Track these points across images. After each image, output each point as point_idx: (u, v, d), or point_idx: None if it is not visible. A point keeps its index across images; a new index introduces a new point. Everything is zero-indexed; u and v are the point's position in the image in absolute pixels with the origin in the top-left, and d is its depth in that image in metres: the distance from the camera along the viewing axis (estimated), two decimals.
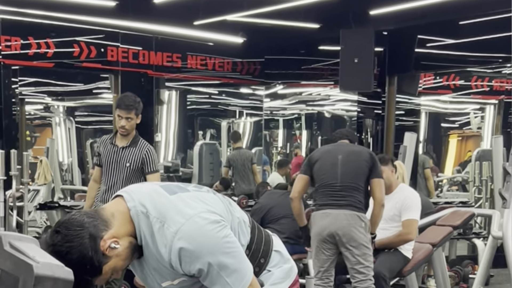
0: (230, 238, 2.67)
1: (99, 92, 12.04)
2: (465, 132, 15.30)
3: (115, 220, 2.67)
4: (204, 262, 2.61)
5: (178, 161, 12.08)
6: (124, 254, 2.66)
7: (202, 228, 2.61)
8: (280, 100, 13.64)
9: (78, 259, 2.60)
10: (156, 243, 2.65)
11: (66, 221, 2.64)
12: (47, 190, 11.20)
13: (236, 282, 2.66)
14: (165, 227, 2.62)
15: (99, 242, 2.60)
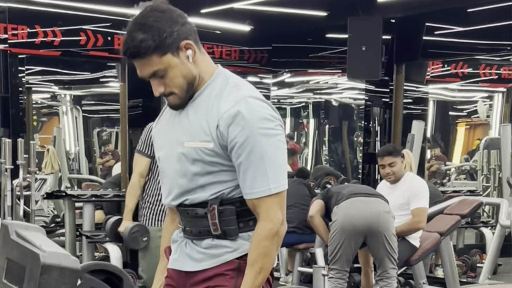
0: (283, 143, 2.67)
1: (106, 81, 12.03)
2: (473, 120, 15.27)
3: (204, 57, 2.75)
4: (254, 135, 2.60)
5: None
6: (186, 72, 2.67)
7: (268, 111, 2.64)
8: (288, 89, 13.62)
9: (162, 22, 2.62)
10: (220, 98, 2.66)
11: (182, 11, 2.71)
12: (54, 179, 11.21)
13: (274, 178, 2.65)
14: (239, 91, 2.65)
15: (184, 38, 2.65)
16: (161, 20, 2.61)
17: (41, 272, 2.76)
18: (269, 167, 2.62)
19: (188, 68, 2.67)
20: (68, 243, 8.87)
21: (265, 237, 2.65)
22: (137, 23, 2.63)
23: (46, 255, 2.79)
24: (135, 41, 2.60)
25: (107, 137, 13.64)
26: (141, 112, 9.52)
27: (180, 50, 2.65)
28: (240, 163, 2.64)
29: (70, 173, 12.22)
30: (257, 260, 2.65)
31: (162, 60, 2.63)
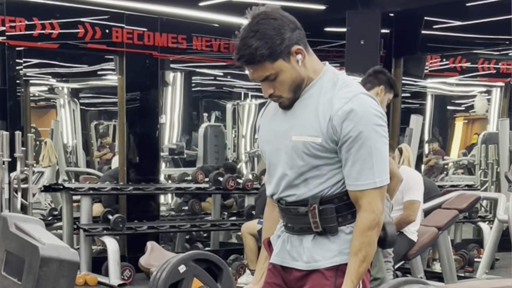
0: (388, 139, 2.81)
1: (104, 74, 12.01)
2: (471, 115, 15.25)
3: (312, 58, 2.85)
4: (367, 131, 2.73)
5: (183, 143, 12.07)
6: (295, 75, 2.78)
7: (378, 109, 2.77)
8: None
9: (276, 29, 2.73)
10: (332, 94, 2.78)
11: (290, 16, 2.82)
12: (51, 172, 11.21)
13: (379, 172, 2.77)
14: (349, 88, 2.77)
15: (294, 43, 2.76)
16: (274, 27, 2.73)
17: (40, 264, 2.76)
18: (376, 162, 2.76)
19: (298, 72, 2.79)
20: (66, 236, 8.85)
21: (368, 227, 2.79)
22: (251, 30, 2.74)
23: (45, 247, 2.79)
24: (250, 48, 2.72)
25: (104, 130, 13.63)
26: (139, 105, 9.51)
27: (291, 55, 2.76)
28: (349, 156, 2.77)
29: (67, 166, 12.19)
30: (361, 249, 2.79)
31: (274, 65, 2.75)
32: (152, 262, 6.48)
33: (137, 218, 9.19)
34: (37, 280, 2.74)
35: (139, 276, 8.48)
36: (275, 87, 2.81)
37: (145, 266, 6.48)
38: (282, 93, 2.82)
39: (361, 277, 2.81)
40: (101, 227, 8.64)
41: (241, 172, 11.60)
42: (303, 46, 2.78)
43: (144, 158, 9.53)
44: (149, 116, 9.58)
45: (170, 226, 9.17)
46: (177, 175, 10.46)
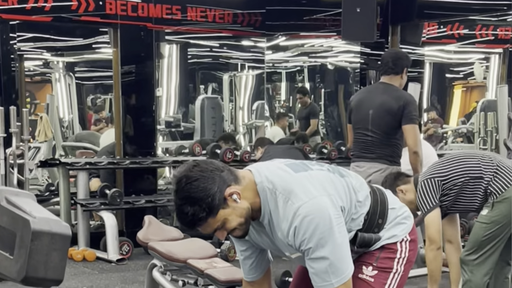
0: (342, 232, 2.91)
1: (99, 47, 11.92)
2: (469, 82, 15.18)
3: (244, 182, 2.92)
4: (313, 243, 2.85)
5: (179, 115, 12.00)
6: (240, 212, 2.89)
7: (321, 212, 2.86)
8: (282, 52, 13.50)
9: (203, 189, 2.81)
10: (279, 218, 2.92)
11: (207, 160, 2.95)
12: (48, 147, 11.13)
13: (336, 272, 2.90)
14: (289, 204, 2.88)
15: (225, 188, 2.85)
16: (200, 188, 2.81)
17: (31, 238, 2.72)
18: (330, 265, 2.89)
19: (240, 208, 2.89)
20: (63, 212, 8.82)
21: None
22: (181, 198, 2.83)
23: (36, 221, 2.75)
24: (188, 216, 2.83)
25: (101, 104, 13.55)
26: (134, 78, 9.44)
27: (227, 201, 2.86)
28: (307, 264, 2.95)
29: (64, 141, 12.13)
30: None
31: (217, 218, 2.86)
32: (150, 236, 6.41)
33: (134, 193, 9.14)
34: (29, 254, 2.69)
35: (137, 250, 8.46)
36: (227, 229, 2.92)
37: (143, 240, 6.41)
38: (237, 229, 2.94)
39: None
40: (98, 202, 8.60)
41: (239, 144, 11.53)
42: (233, 182, 2.89)
43: (141, 132, 9.47)
44: (145, 89, 9.50)
45: (168, 199, 9.12)
46: (174, 148, 10.39)
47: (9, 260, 2.80)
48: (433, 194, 5.16)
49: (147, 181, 9.48)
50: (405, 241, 3.18)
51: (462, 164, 5.22)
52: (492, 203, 5.12)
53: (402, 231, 3.16)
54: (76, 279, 7.50)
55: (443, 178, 5.18)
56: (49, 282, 2.81)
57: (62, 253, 2.78)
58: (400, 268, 3.14)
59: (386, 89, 6.32)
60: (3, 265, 2.82)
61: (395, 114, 6.18)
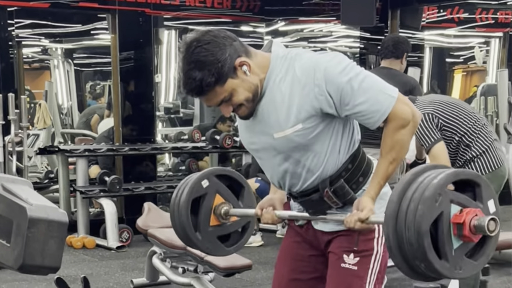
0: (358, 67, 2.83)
1: (97, 33, 11.87)
2: (470, 66, 15.13)
3: (255, 58, 2.83)
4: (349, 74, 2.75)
5: (178, 102, 11.97)
6: (248, 86, 2.80)
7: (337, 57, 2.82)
8: (282, 38, 13.44)
9: (214, 53, 2.72)
10: (296, 75, 2.80)
11: (219, 29, 2.84)
12: (47, 135, 11.12)
13: (386, 89, 2.82)
14: (308, 56, 2.82)
15: (236, 57, 2.75)
16: (211, 52, 2.72)
17: (28, 225, 2.70)
18: (376, 86, 2.80)
19: (249, 81, 2.80)
20: (62, 199, 8.80)
21: (401, 125, 2.83)
22: (190, 62, 2.73)
23: (33, 208, 2.73)
24: (195, 81, 2.73)
25: (100, 91, 13.52)
26: (133, 64, 9.40)
27: (237, 70, 2.77)
28: (355, 105, 2.78)
29: (63, 128, 12.10)
30: (393, 148, 2.86)
31: (225, 87, 2.76)
32: (149, 223, 6.41)
33: (134, 179, 9.12)
34: (26, 242, 2.67)
35: (137, 238, 8.44)
36: (233, 103, 2.82)
37: (142, 227, 6.41)
38: (243, 105, 2.84)
39: (388, 178, 2.89)
40: (98, 189, 8.58)
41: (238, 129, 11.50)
42: (244, 54, 2.80)
43: (140, 118, 9.44)
44: (143, 75, 9.47)
45: (168, 186, 9.10)
46: (174, 134, 10.37)
47: (6, 247, 2.78)
48: (434, 130, 5.09)
49: (147, 168, 9.45)
50: None
51: (461, 122, 5.16)
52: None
53: (379, 208, 2.89)
54: (75, 267, 7.49)
55: (445, 124, 5.11)
56: (46, 269, 2.79)
57: (59, 241, 2.76)
58: (380, 248, 3.03)
59: (391, 74, 6.28)
60: (0, 253, 2.80)
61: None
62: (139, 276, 6.81)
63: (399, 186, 2.55)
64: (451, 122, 5.12)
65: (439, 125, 5.08)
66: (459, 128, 5.13)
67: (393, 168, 2.87)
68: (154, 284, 6.63)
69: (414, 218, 2.45)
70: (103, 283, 6.80)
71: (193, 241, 3.29)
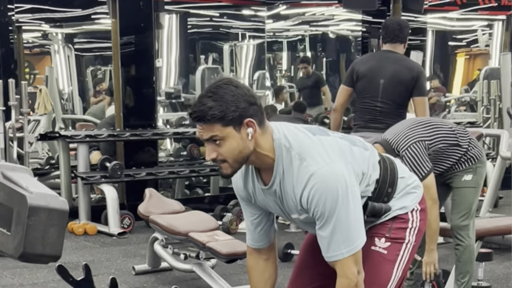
0: (356, 200, 2.89)
1: (97, 18, 11.81)
2: (472, 50, 15.10)
3: (266, 133, 2.90)
4: (326, 209, 2.83)
5: (180, 86, 11.92)
6: (242, 147, 2.83)
7: (337, 178, 2.84)
8: (283, 21, 13.41)
9: (235, 96, 2.79)
10: (292, 179, 2.88)
11: (252, 91, 2.92)
12: (47, 120, 11.07)
13: (347, 241, 2.88)
14: (305, 165, 2.85)
15: (248, 116, 2.81)
16: (233, 94, 2.79)
17: (28, 214, 2.67)
18: (342, 234, 2.87)
19: (246, 144, 2.84)
20: (64, 185, 8.77)
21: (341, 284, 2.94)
22: (210, 91, 2.81)
23: (33, 196, 2.70)
24: (204, 106, 2.78)
25: (101, 76, 13.46)
26: (134, 49, 9.35)
27: (242, 126, 2.81)
28: (318, 231, 2.92)
29: (63, 113, 12.05)
30: None
31: (223, 129, 2.79)
32: (151, 209, 6.38)
33: (135, 165, 9.08)
34: (26, 230, 2.64)
35: (138, 224, 8.42)
36: (219, 152, 2.84)
37: (144, 213, 6.38)
38: (227, 159, 2.86)
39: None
40: (99, 175, 8.54)
41: None
42: (257, 122, 2.84)
43: (141, 103, 9.39)
44: (144, 60, 9.42)
45: (169, 172, 9.06)
46: (175, 119, 10.33)
47: (7, 236, 2.75)
48: (426, 157, 5.12)
49: (148, 154, 9.42)
50: (415, 211, 3.16)
51: (440, 130, 5.21)
52: (475, 168, 5.21)
53: (412, 200, 3.14)
54: (77, 253, 7.47)
55: (430, 141, 5.15)
56: (47, 258, 2.76)
57: (60, 229, 2.73)
58: (412, 238, 3.13)
59: (397, 59, 6.21)
60: (1, 242, 2.78)
61: (407, 85, 6.08)
62: (140, 263, 6.80)
63: None
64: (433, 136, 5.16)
65: (427, 148, 5.12)
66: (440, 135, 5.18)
67: None
68: (156, 270, 6.61)
69: None
70: (105, 270, 6.78)
71: None
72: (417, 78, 6.07)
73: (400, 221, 3.11)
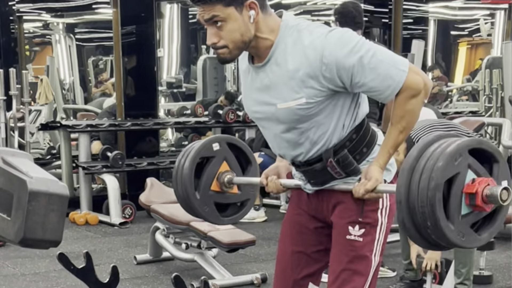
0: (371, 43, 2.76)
1: (98, 7, 11.80)
2: (474, 39, 15.07)
3: (269, 18, 2.80)
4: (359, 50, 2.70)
5: (181, 76, 11.91)
6: (244, 30, 2.75)
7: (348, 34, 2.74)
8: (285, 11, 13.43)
9: None
10: (304, 47, 2.74)
11: None
12: (49, 110, 11.07)
13: (397, 63, 2.74)
14: (318, 31, 2.75)
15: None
16: None
17: (28, 199, 2.65)
18: (387, 61, 2.73)
19: (248, 27, 2.75)
20: (65, 175, 8.76)
21: (412, 95, 2.77)
22: None
23: (33, 181, 2.68)
24: None
25: (102, 66, 13.46)
26: (135, 39, 9.33)
27: (244, 7, 2.72)
28: (367, 81, 2.74)
29: (65, 103, 12.05)
30: (404, 116, 2.80)
31: (225, 10, 2.71)
32: (152, 199, 6.37)
33: (136, 155, 9.07)
34: (26, 215, 2.63)
35: (140, 214, 8.41)
36: (221, 36, 2.76)
37: (145, 203, 6.37)
38: (227, 43, 2.77)
39: (397, 147, 2.87)
40: (100, 165, 8.52)
41: (241, 105, 11.44)
42: (259, 5, 2.75)
43: (142, 93, 9.38)
44: (146, 50, 9.39)
45: (170, 162, 9.04)
46: (176, 109, 10.31)
47: (7, 221, 2.74)
48: None
49: (149, 143, 9.40)
50: None
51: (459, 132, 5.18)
52: None
53: (387, 176, 2.97)
54: (78, 243, 7.46)
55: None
56: (47, 243, 2.75)
57: (60, 214, 2.71)
58: (384, 219, 3.01)
59: None
60: (1, 227, 2.77)
61: None
62: (142, 252, 6.78)
63: (421, 143, 2.53)
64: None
65: None
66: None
67: (403, 137, 2.83)
68: (158, 260, 6.60)
69: (431, 171, 2.42)
70: (106, 259, 6.77)
71: (191, 199, 3.26)
72: None
73: (370, 202, 2.97)
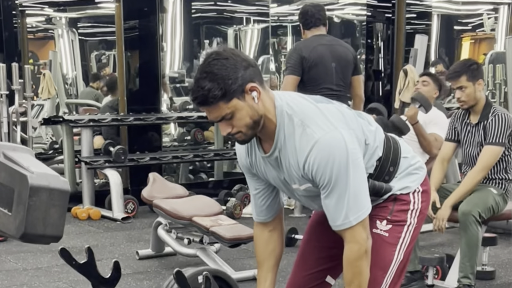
0: (360, 168, 2.86)
1: (101, 2, 11.78)
2: (478, 34, 15.03)
3: (268, 93, 2.88)
4: (332, 175, 2.80)
5: (183, 71, 11.88)
6: (252, 113, 2.82)
7: (340, 145, 2.79)
8: (288, 5, 13.34)
9: (227, 69, 2.76)
10: (294, 147, 2.85)
11: (243, 52, 2.94)
12: (51, 105, 11.04)
13: (354, 208, 2.85)
14: (308, 132, 2.82)
15: (249, 81, 2.79)
16: (225, 67, 2.76)
17: (29, 194, 2.64)
18: (348, 201, 2.84)
19: (255, 109, 2.82)
20: (67, 170, 8.75)
21: (356, 258, 2.90)
22: (203, 72, 2.78)
23: (34, 176, 2.67)
24: (203, 90, 2.76)
25: (105, 61, 13.42)
26: (137, 33, 9.31)
27: (245, 94, 2.79)
28: (324, 199, 2.89)
29: (67, 98, 12.03)
30: (353, 279, 2.92)
31: (229, 105, 2.78)
32: (155, 194, 6.36)
33: (139, 150, 9.06)
34: (27, 210, 2.62)
35: (142, 209, 8.41)
36: (233, 125, 2.84)
37: (147, 198, 6.36)
38: (241, 129, 2.85)
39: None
40: (102, 160, 8.51)
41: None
42: (258, 83, 2.82)
43: (145, 88, 9.36)
44: (148, 44, 9.38)
45: (173, 156, 9.05)
46: (179, 104, 10.29)
47: (8, 216, 2.73)
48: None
49: (152, 138, 9.39)
50: (417, 192, 3.12)
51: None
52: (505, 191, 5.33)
53: (414, 181, 3.10)
54: (81, 238, 7.46)
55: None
56: (48, 238, 2.74)
57: (61, 209, 2.70)
58: (413, 220, 3.10)
59: (336, 41, 6.45)
60: (2, 222, 2.76)
61: (352, 64, 6.26)
62: (144, 247, 6.78)
63: None
64: None
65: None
66: None
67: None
68: (160, 255, 6.59)
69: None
70: (108, 255, 6.76)
71: None
72: (355, 56, 6.28)
73: (401, 203, 3.08)
